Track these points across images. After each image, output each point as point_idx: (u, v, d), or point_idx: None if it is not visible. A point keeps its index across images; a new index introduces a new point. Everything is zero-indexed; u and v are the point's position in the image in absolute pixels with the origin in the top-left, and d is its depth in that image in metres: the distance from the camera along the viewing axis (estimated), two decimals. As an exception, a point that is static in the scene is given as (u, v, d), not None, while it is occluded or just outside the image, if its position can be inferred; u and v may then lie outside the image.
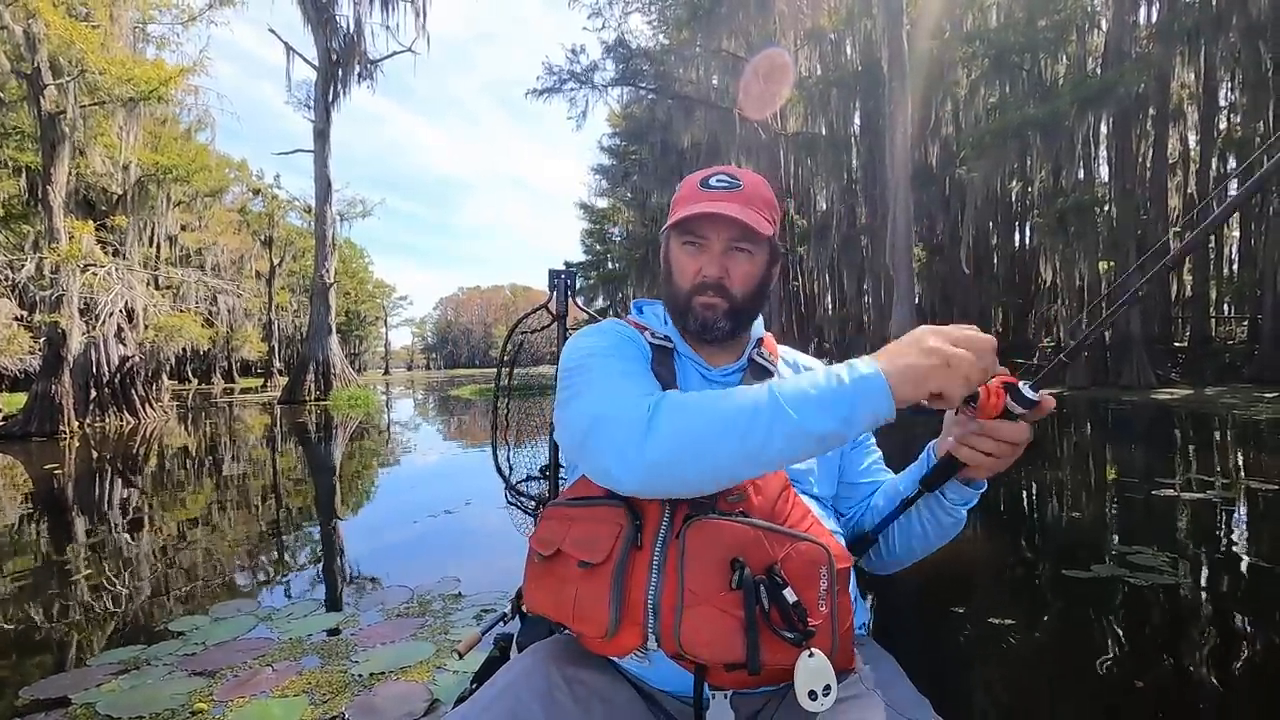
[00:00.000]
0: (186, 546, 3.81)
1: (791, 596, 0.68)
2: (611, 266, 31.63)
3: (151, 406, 13.77)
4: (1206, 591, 2.71)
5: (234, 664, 2.16)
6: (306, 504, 5.18)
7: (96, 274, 12.36)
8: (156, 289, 16.37)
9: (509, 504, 1.48)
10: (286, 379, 23.36)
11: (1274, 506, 4.01)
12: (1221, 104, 19.18)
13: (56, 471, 6.95)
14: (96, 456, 8.19)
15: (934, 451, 0.84)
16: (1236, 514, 3.93)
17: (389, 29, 20.42)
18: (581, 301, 1.52)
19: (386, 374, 64.43)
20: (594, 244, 36.83)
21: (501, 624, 1.13)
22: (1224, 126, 19.43)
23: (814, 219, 25.41)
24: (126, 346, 12.99)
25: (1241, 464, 5.71)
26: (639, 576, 0.72)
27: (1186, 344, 18.77)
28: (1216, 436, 7.47)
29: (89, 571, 3.33)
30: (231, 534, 4.07)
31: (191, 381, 37.10)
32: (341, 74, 20.19)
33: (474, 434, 9.86)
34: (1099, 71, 17.33)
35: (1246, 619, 2.42)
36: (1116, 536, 3.53)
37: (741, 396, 0.69)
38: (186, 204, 21.63)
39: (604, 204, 36.75)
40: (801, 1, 20.41)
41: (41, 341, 11.94)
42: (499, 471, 1.48)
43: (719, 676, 0.72)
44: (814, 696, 0.65)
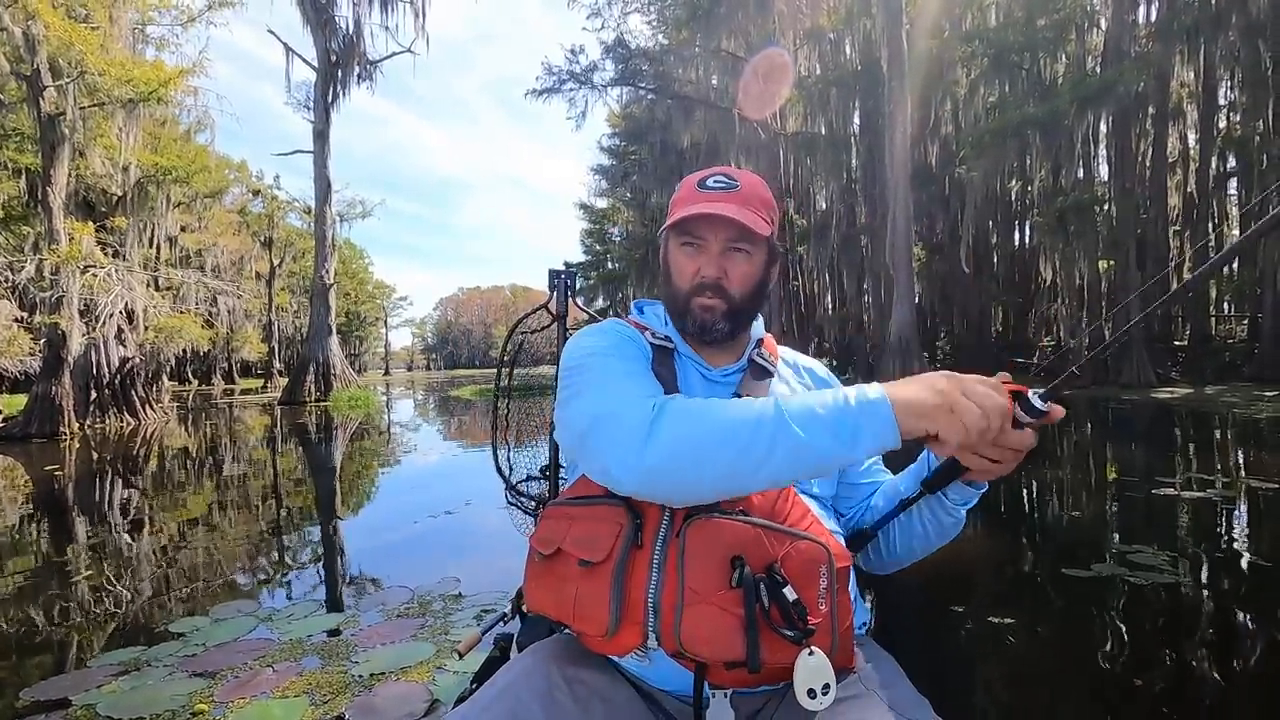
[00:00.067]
0: (187, 547, 3.80)
1: (791, 595, 0.68)
2: (611, 267, 31.61)
3: (152, 408, 13.76)
4: (1207, 590, 2.71)
5: (234, 665, 2.16)
6: (307, 505, 5.18)
7: (96, 275, 12.37)
8: (156, 290, 16.37)
9: (509, 504, 1.48)
10: (287, 380, 23.36)
11: (1274, 505, 4.00)
12: (1221, 103, 19.18)
13: (57, 473, 6.94)
14: (97, 458, 8.19)
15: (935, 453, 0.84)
16: (1237, 513, 3.93)
17: (388, 30, 20.45)
18: (581, 302, 1.52)
19: (387, 374, 64.44)
20: (594, 244, 36.84)
21: (501, 624, 1.13)
22: (1223, 125, 19.43)
23: (813, 219, 25.40)
24: (127, 348, 12.99)
25: (1242, 463, 5.70)
26: (639, 575, 0.72)
27: (1186, 342, 18.78)
28: (1217, 435, 7.47)
29: (89, 573, 3.33)
30: (232, 535, 4.07)
31: (192, 383, 37.10)
32: (341, 75, 20.20)
33: (474, 434, 9.85)
34: (1098, 70, 17.33)
35: (1247, 618, 2.42)
36: (1117, 535, 3.53)
37: (746, 408, 0.69)
38: (186, 205, 21.65)
39: (603, 204, 36.77)
40: (801, 1, 20.41)
41: (41, 343, 11.95)
42: (499, 471, 1.48)
43: (719, 675, 0.72)
44: (813, 695, 0.66)
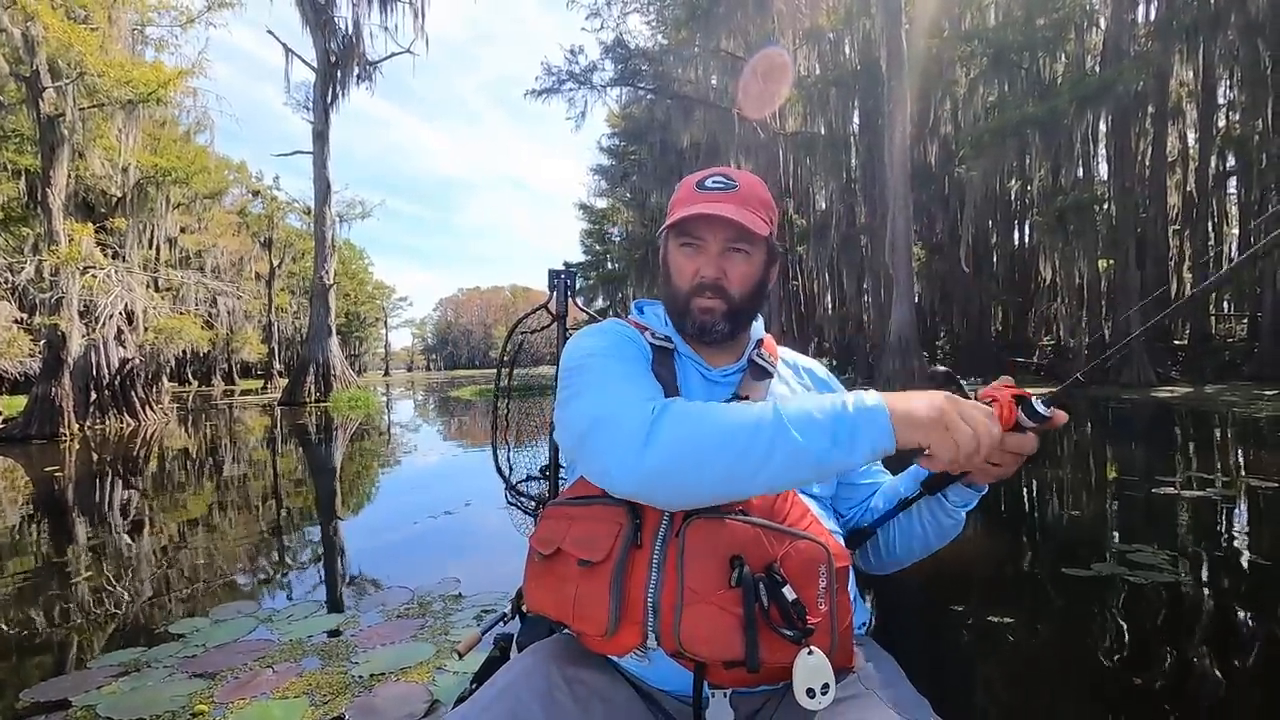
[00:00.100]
0: (187, 548, 3.80)
1: (791, 594, 0.68)
2: (611, 267, 31.60)
3: (151, 409, 13.76)
4: (1207, 589, 2.71)
5: (234, 666, 2.16)
6: (307, 505, 5.18)
7: (96, 276, 12.36)
8: (156, 291, 16.37)
9: (509, 504, 1.48)
10: (286, 381, 23.36)
11: (1274, 504, 4.00)
12: (1220, 101, 19.20)
13: (57, 474, 6.94)
14: (97, 459, 8.19)
15: None
16: (1237, 512, 3.93)
17: (387, 30, 20.47)
18: (581, 302, 1.52)
19: (386, 375, 64.45)
20: (593, 244, 36.84)
21: (501, 624, 1.13)
22: (1223, 124, 19.45)
23: (813, 218, 25.40)
24: (126, 349, 12.98)
25: (1242, 462, 5.70)
26: (639, 575, 0.72)
27: (1186, 341, 18.80)
28: (1216, 434, 7.47)
29: (89, 574, 3.32)
30: (232, 536, 4.07)
31: (192, 383, 37.09)
32: (340, 75, 20.21)
33: (474, 435, 9.85)
34: (1098, 70, 17.34)
35: (1247, 617, 2.42)
36: (1116, 534, 3.53)
37: (745, 412, 0.69)
38: (186, 206, 21.63)
39: (603, 204, 36.78)
40: (800, 1, 20.42)
41: (41, 344, 11.95)
42: (499, 471, 1.48)
43: (718, 675, 0.72)
44: (812, 694, 0.66)
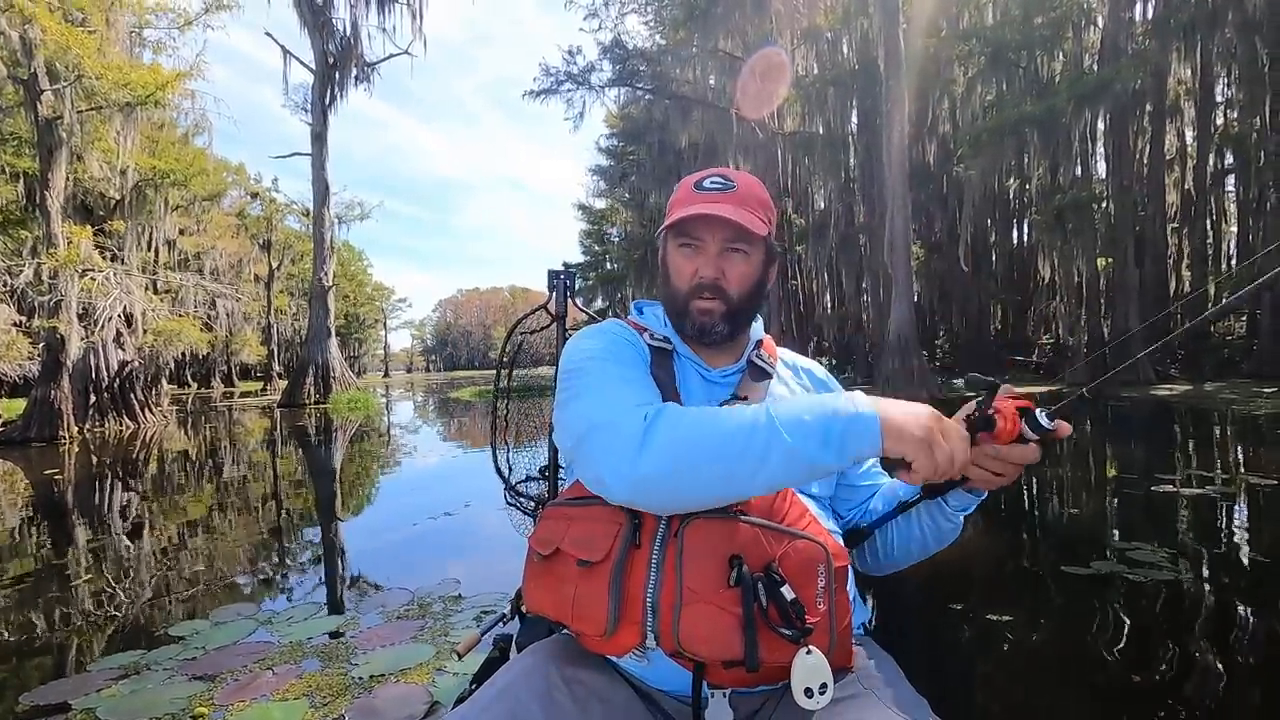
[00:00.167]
0: (186, 551, 3.80)
1: (789, 594, 0.68)
2: (610, 267, 31.59)
3: (151, 411, 13.75)
4: (1206, 587, 2.71)
5: (234, 668, 2.16)
6: (306, 507, 5.18)
7: (95, 279, 12.36)
8: (155, 293, 16.35)
9: (508, 505, 1.48)
10: (286, 382, 23.35)
11: (1273, 502, 4.01)
12: (1218, 99, 19.23)
13: (56, 477, 6.93)
14: (96, 461, 8.18)
15: None
16: (1236, 509, 3.94)
17: (385, 32, 20.48)
18: (581, 302, 1.52)
19: (386, 377, 64.43)
20: (592, 245, 36.81)
21: (501, 625, 1.13)
22: (1221, 122, 19.48)
23: (812, 218, 25.42)
24: (125, 351, 12.97)
25: (1241, 459, 5.71)
26: (638, 575, 0.72)
27: (1184, 339, 18.77)
28: (1216, 432, 7.48)
29: (89, 576, 3.32)
30: (231, 538, 4.06)
31: (191, 386, 37.06)
32: (338, 77, 20.21)
33: (473, 436, 9.85)
34: (1095, 68, 17.35)
35: (1246, 614, 2.42)
36: (1116, 533, 3.54)
37: (739, 417, 0.69)
38: (184, 208, 21.65)
39: (602, 205, 36.77)
40: (798, 1, 20.43)
41: (40, 347, 11.94)
42: (498, 472, 1.48)
43: (717, 675, 0.72)
44: (810, 694, 0.66)
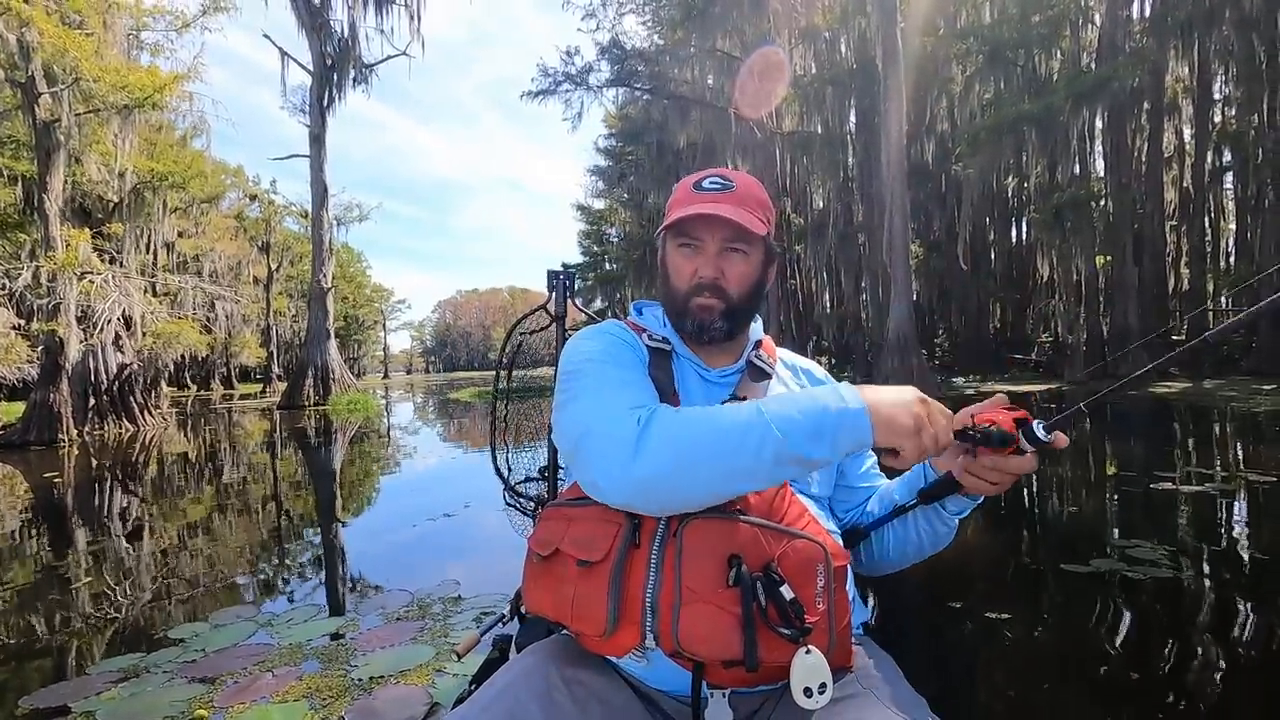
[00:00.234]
0: (186, 553, 3.80)
1: (789, 593, 0.68)
2: (609, 267, 31.56)
3: (150, 414, 13.73)
4: (1206, 585, 2.71)
5: (234, 670, 2.16)
6: (306, 509, 5.18)
7: (94, 282, 12.35)
8: (154, 296, 16.34)
9: (508, 505, 1.48)
10: (285, 384, 23.34)
11: (1273, 499, 4.01)
12: (1216, 97, 19.25)
13: (55, 480, 6.92)
14: (95, 464, 8.17)
15: (931, 464, 0.85)
16: (1235, 507, 3.94)
17: (383, 33, 20.50)
18: (580, 302, 1.52)
19: (385, 378, 64.40)
20: (591, 245, 36.79)
21: (500, 625, 1.13)
22: (1218, 120, 19.49)
23: (810, 217, 25.43)
24: (124, 354, 12.95)
25: (1240, 456, 5.71)
26: (637, 575, 0.72)
27: (1184, 337, 18.80)
28: (1215, 429, 7.48)
29: (88, 579, 3.32)
30: (231, 540, 4.06)
31: (190, 388, 37.03)
32: (336, 78, 20.22)
33: (473, 437, 9.84)
34: (1093, 66, 17.38)
35: (1246, 612, 2.42)
36: (1116, 530, 3.54)
37: (731, 416, 0.70)
38: (183, 210, 21.62)
39: (601, 205, 36.76)
40: (795, 0, 20.43)
41: (39, 350, 11.92)
42: (498, 473, 1.48)
43: (717, 674, 0.72)
44: (810, 694, 0.66)
